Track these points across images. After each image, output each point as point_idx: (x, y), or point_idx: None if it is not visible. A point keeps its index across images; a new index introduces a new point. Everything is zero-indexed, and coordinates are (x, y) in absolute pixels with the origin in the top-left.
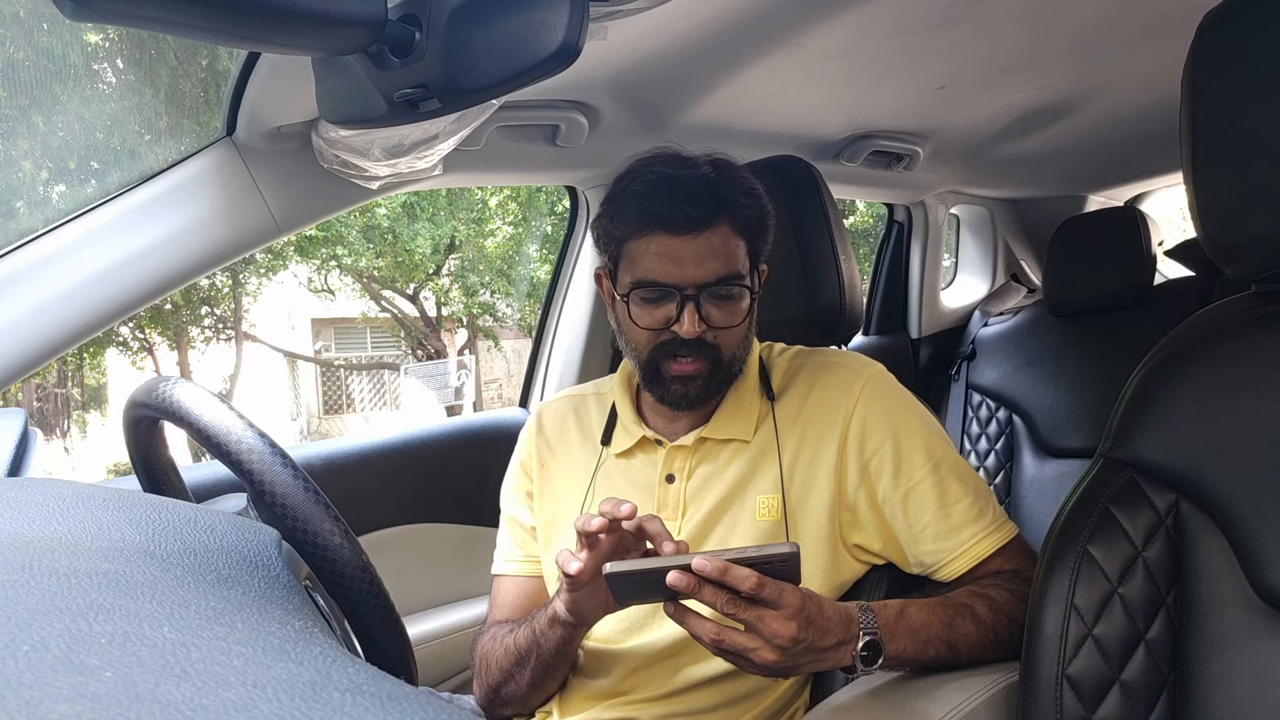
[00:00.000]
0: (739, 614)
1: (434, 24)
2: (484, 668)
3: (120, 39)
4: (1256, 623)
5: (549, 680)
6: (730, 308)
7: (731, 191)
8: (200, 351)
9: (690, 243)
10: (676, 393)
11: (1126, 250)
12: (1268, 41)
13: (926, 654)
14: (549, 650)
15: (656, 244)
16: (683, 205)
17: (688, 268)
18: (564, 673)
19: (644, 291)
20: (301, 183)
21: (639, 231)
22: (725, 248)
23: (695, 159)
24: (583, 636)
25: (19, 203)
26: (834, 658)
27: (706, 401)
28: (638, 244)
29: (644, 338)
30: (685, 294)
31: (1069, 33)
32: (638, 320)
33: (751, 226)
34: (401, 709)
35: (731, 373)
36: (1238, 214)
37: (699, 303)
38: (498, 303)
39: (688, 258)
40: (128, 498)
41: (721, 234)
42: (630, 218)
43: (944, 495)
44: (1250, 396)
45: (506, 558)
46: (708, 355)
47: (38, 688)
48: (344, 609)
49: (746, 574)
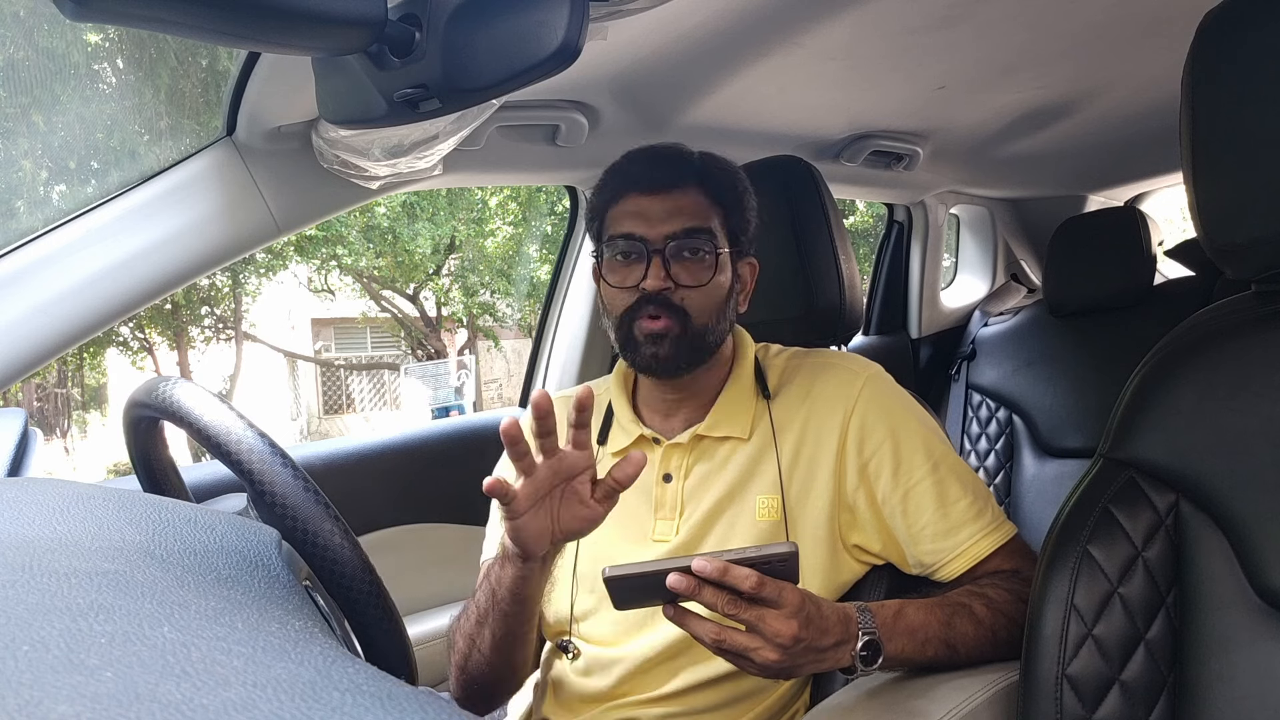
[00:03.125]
0: (740, 614)
1: (434, 24)
2: (453, 646)
3: (120, 39)
4: (1256, 623)
5: (512, 643)
6: (696, 268)
7: (705, 164)
8: (200, 351)
9: (659, 200)
10: (647, 354)
11: (1126, 250)
12: (1268, 42)
13: (925, 654)
14: (504, 596)
15: (629, 204)
16: (654, 168)
17: (654, 223)
18: (526, 635)
19: (616, 248)
20: (301, 183)
21: (615, 198)
22: (694, 207)
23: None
24: (539, 580)
25: (19, 202)
26: (833, 658)
27: (678, 369)
28: (615, 210)
29: (618, 299)
30: (652, 248)
31: (1069, 33)
32: (610, 279)
33: (724, 197)
34: (401, 709)
35: (705, 343)
36: (1238, 214)
37: (666, 258)
38: (498, 303)
39: (655, 214)
40: (128, 498)
41: (691, 196)
42: (609, 188)
43: (943, 495)
44: (1250, 397)
45: (495, 545)
46: (675, 316)
47: (38, 688)
48: (344, 609)
49: (746, 574)
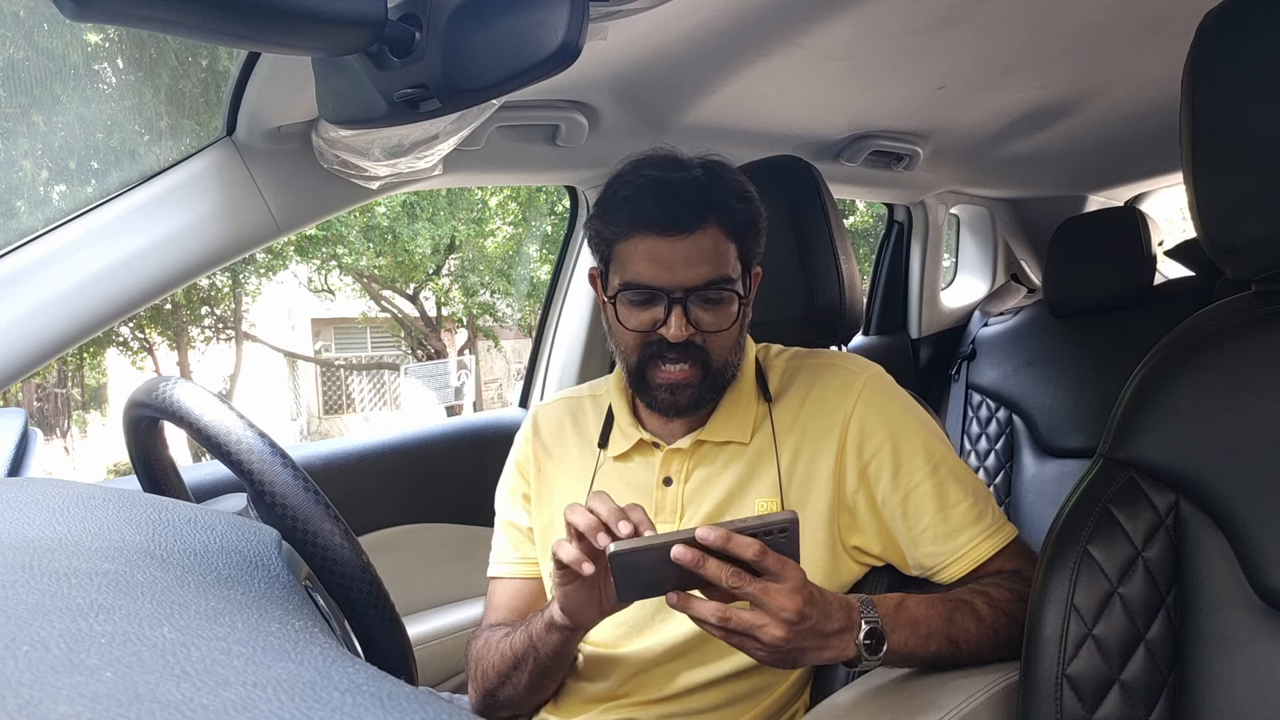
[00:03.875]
0: (744, 588)
1: (434, 24)
2: (479, 671)
3: (120, 39)
4: (1256, 623)
5: (547, 682)
6: (719, 312)
7: (722, 194)
8: (200, 351)
9: (678, 245)
10: (664, 400)
11: (1126, 250)
12: (1267, 42)
13: (928, 648)
14: (546, 655)
15: (645, 246)
16: (670, 208)
17: (676, 271)
18: (562, 675)
19: (631, 294)
20: (301, 183)
21: (627, 234)
22: (714, 251)
23: (687, 161)
24: (579, 641)
25: (19, 202)
26: (837, 645)
27: (697, 410)
28: (626, 246)
29: (631, 340)
30: (673, 297)
31: (1069, 33)
32: (625, 322)
33: (741, 230)
34: (401, 709)
35: (724, 379)
36: (1238, 214)
37: (686, 306)
38: (498, 303)
39: (676, 261)
40: (128, 498)
41: (711, 236)
42: (619, 220)
43: (943, 498)
44: (1250, 397)
45: (502, 560)
46: (696, 359)
47: (38, 688)
48: (344, 609)
49: (749, 541)
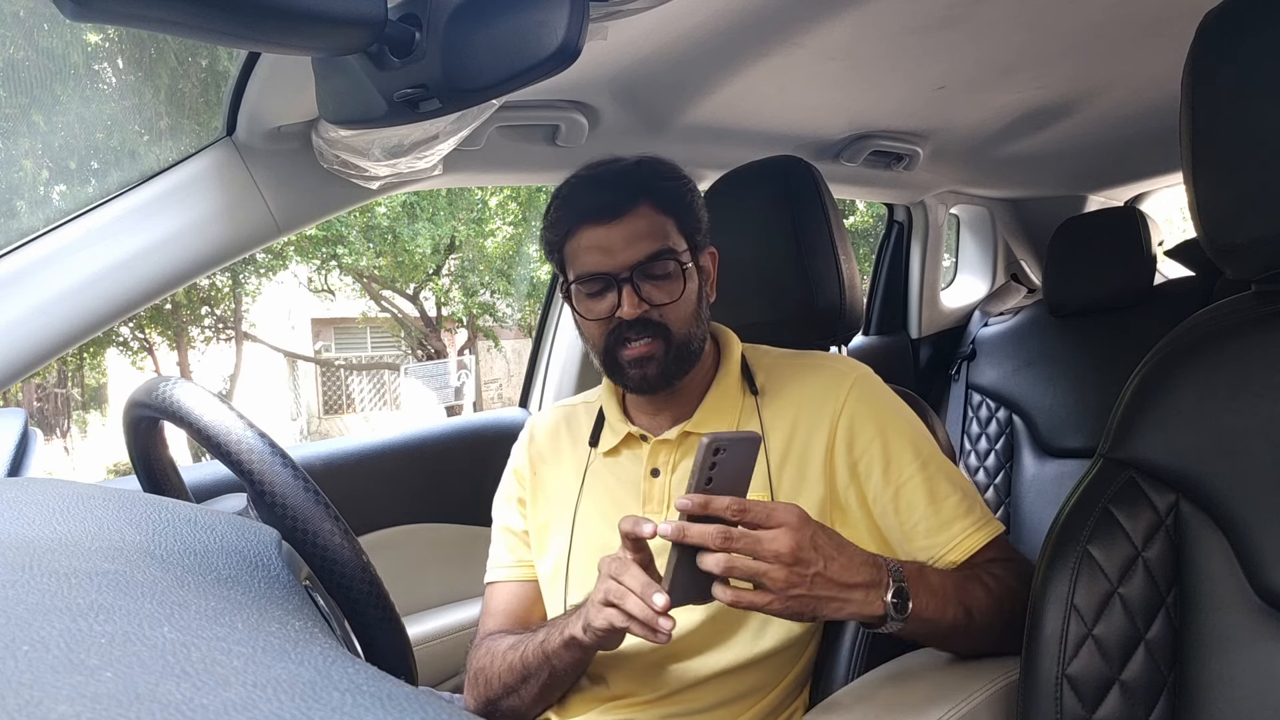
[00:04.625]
0: (734, 545)
1: (434, 24)
2: (481, 680)
3: (120, 39)
4: (1256, 623)
5: (555, 692)
6: (668, 285)
7: (652, 176)
8: (200, 351)
9: (615, 230)
10: (635, 377)
11: (1126, 250)
12: (1267, 42)
13: (945, 615)
14: (562, 669)
15: (586, 238)
16: (602, 195)
17: (617, 254)
18: (571, 683)
19: (584, 286)
20: (301, 183)
21: (571, 231)
22: (651, 227)
23: (619, 158)
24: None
25: (19, 202)
26: (861, 600)
27: (668, 384)
28: (572, 244)
29: (596, 330)
30: (620, 278)
31: (1069, 33)
32: (586, 314)
33: (675, 204)
34: (401, 709)
35: (688, 351)
36: (1238, 214)
37: (635, 284)
38: (498, 303)
39: (615, 244)
40: (128, 498)
41: (645, 215)
42: (561, 220)
43: (934, 491)
44: (1250, 397)
45: (499, 564)
46: (657, 333)
47: (38, 688)
48: (344, 609)
49: (726, 501)
